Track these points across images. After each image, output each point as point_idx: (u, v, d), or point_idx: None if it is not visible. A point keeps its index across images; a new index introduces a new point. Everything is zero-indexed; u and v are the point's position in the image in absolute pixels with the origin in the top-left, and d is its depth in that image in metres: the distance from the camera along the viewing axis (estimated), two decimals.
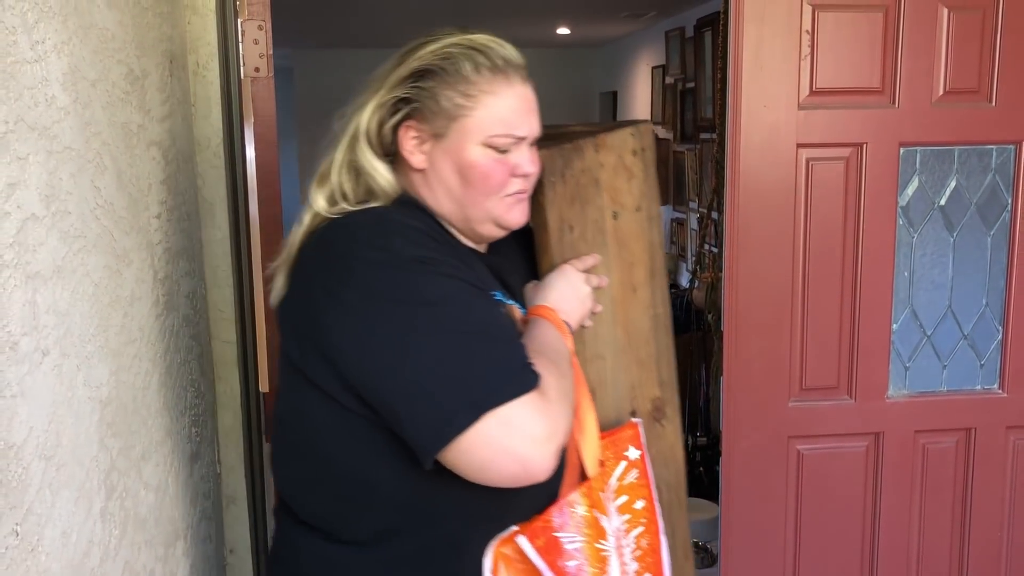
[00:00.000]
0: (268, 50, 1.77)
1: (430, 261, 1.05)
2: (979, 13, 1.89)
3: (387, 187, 1.15)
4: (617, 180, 1.33)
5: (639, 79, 6.49)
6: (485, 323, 1.04)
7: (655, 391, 1.39)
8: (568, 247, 1.30)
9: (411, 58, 1.15)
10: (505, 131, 1.14)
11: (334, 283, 1.04)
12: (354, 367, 1.04)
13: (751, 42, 1.85)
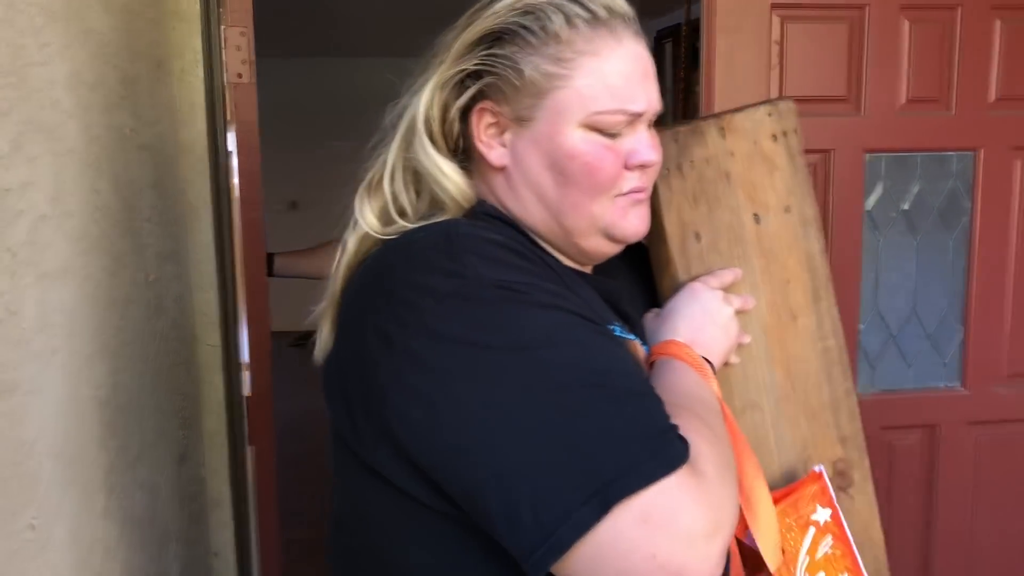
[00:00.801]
0: (251, 56, 1.78)
1: (521, 287, 0.75)
2: (939, 25, 1.97)
3: (457, 194, 0.86)
4: (754, 173, 1.06)
5: None
6: (605, 370, 0.73)
7: (836, 450, 1.09)
8: (696, 260, 1.03)
9: (482, 16, 0.86)
10: (615, 105, 0.84)
11: (391, 326, 0.75)
12: (423, 443, 0.74)
13: (723, 52, 1.91)
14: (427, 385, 0.73)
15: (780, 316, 1.06)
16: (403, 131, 0.90)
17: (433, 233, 0.80)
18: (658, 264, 1.05)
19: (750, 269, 1.05)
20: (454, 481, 0.73)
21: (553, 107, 0.84)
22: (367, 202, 0.89)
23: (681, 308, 0.97)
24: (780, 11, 1.91)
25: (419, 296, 0.75)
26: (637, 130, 0.87)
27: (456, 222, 0.83)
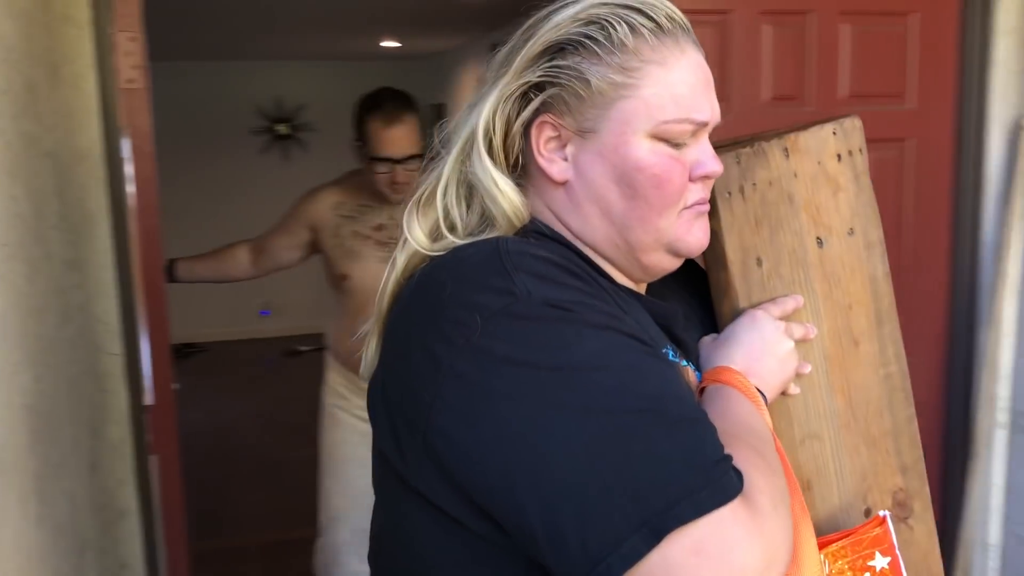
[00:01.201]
0: (142, 61, 1.77)
1: (572, 306, 0.74)
2: (794, 29, 2.16)
3: (511, 211, 0.85)
4: (819, 195, 1.02)
5: (466, 91, 6.68)
6: (658, 395, 0.71)
7: (896, 480, 1.06)
8: (757, 286, 0.99)
9: (542, 30, 0.84)
10: (681, 114, 0.83)
11: (438, 344, 0.74)
12: (469, 466, 0.73)
13: None
14: (473, 405, 0.72)
15: (842, 342, 1.03)
16: (461, 145, 0.87)
17: (482, 250, 0.79)
18: (717, 289, 1.01)
19: (812, 294, 1.01)
20: (499, 504, 0.72)
21: (619, 117, 0.83)
22: (417, 218, 0.87)
23: (739, 336, 0.95)
24: None
25: (467, 314, 0.73)
26: (700, 141, 0.86)
27: (505, 239, 0.81)
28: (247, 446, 5.00)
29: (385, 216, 2.35)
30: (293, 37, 5.89)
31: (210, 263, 2.49)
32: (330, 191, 2.41)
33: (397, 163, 2.24)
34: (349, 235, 2.35)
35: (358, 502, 2.43)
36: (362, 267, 2.33)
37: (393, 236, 2.33)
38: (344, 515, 2.45)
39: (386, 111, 2.25)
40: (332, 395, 2.49)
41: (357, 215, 2.36)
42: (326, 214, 2.37)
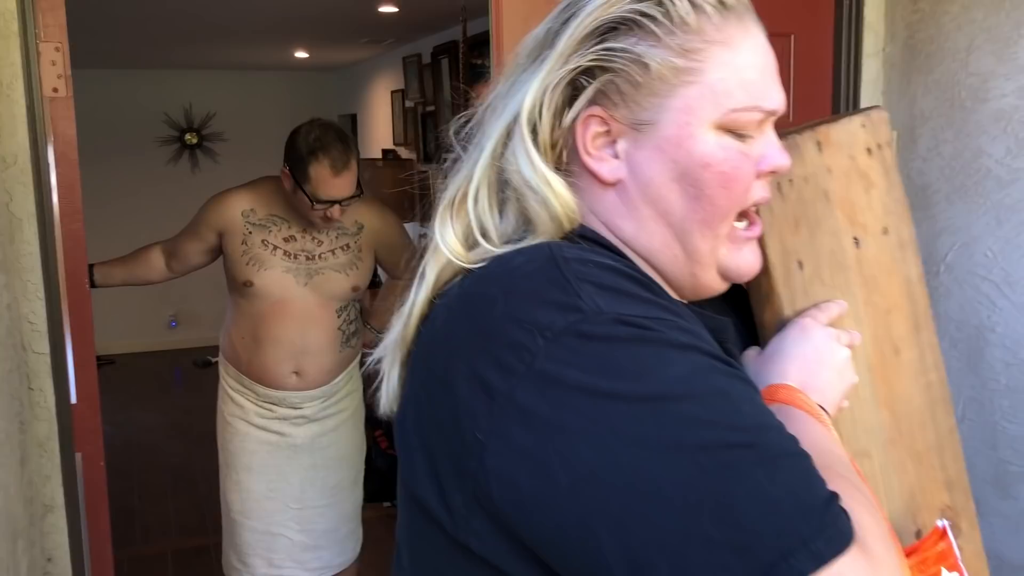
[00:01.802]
0: (66, 71, 1.84)
1: (649, 323, 0.65)
2: None
3: (563, 214, 0.74)
4: (852, 191, 0.96)
5: (379, 102, 6.76)
6: (754, 426, 0.63)
7: (942, 496, 0.99)
8: (800, 292, 0.92)
9: (589, 7, 0.74)
10: (751, 102, 0.74)
11: (491, 372, 0.64)
12: (531, 514, 0.62)
13: None
14: (538, 443, 0.61)
15: (883, 351, 0.96)
16: (496, 140, 0.76)
17: (535, 258, 0.69)
18: (758, 297, 0.93)
19: (853, 299, 0.94)
20: (570, 560, 0.61)
21: (681, 106, 0.72)
22: (449, 224, 0.76)
23: (790, 348, 0.86)
24: None
25: (526, 335, 0.63)
26: (765, 132, 0.77)
27: (559, 245, 0.71)
28: (158, 457, 4.97)
29: (296, 228, 2.40)
30: (203, 46, 5.89)
31: (126, 267, 2.53)
32: (240, 197, 2.43)
33: (337, 203, 2.31)
34: (257, 243, 2.38)
35: (258, 506, 2.49)
36: (267, 275, 2.38)
37: (304, 248, 2.42)
38: (245, 520, 2.50)
39: (334, 159, 2.27)
40: (228, 402, 2.53)
41: (268, 224, 2.39)
42: (235, 220, 2.39)
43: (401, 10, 4.49)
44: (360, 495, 2.68)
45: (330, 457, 2.55)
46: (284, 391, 2.46)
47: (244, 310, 2.44)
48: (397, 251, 2.66)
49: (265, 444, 2.48)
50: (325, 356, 2.48)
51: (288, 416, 2.48)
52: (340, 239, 2.46)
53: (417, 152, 5.88)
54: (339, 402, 2.56)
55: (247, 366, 2.47)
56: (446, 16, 4.52)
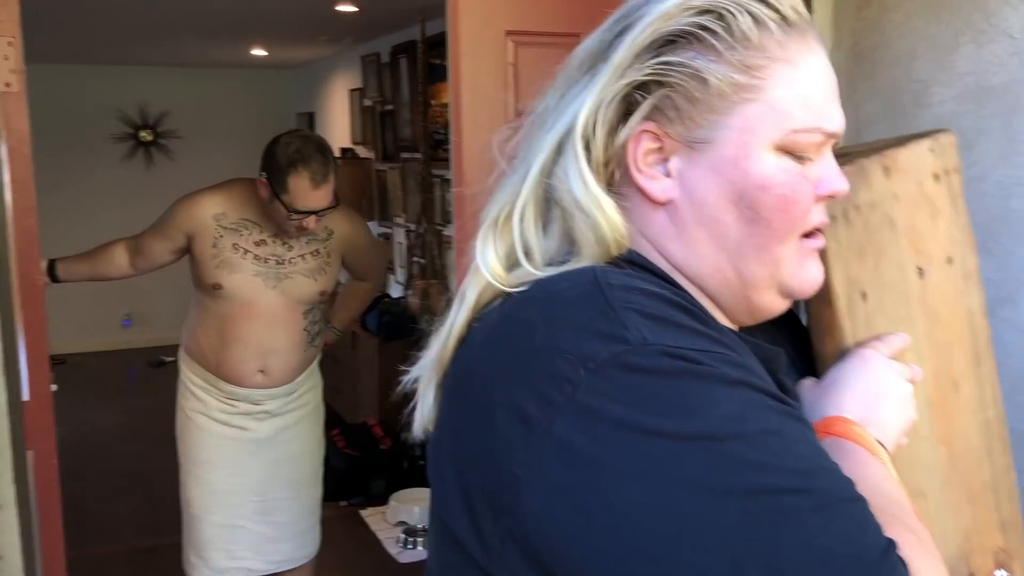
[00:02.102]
0: (19, 66, 1.83)
1: (698, 356, 0.62)
2: None
3: (612, 237, 0.70)
4: (918, 219, 0.92)
5: (336, 101, 6.74)
6: (808, 469, 0.60)
7: (996, 538, 0.95)
8: (862, 323, 0.89)
9: (646, 19, 0.70)
10: (812, 122, 0.71)
11: (530, 403, 0.61)
12: (568, 552, 0.60)
13: (467, 72, 2.20)
14: (577, 479, 0.59)
15: (943, 386, 0.92)
16: (546, 155, 0.72)
17: (578, 283, 0.66)
18: (819, 328, 0.89)
19: (915, 332, 0.90)
20: None
21: (741, 125, 0.70)
22: (492, 244, 0.72)
23: (851, 380, 0.81)
24: (513, 37, 2.23)
25: (568, 365, 0.60)
26: (824, 155, 0.74)
27: (604, 270, 0.67)
28: (111, 458, 4.92)
29: (267, 233, 2.42)
30: (158, 43, 5.83)
31: (89, 263, 2.52)
32: (212, 199, 2.43)
33: (314, 213, 2.33)
34: (228, 247, 2.38)
35: (219, 500, 2.50)
36: (237, 278, 2.39)
37: (274, 253, 2.42)
38: (206, 515, 2.51)
39: (314, 171, 2.29)
40: (189, 398, 2.53)
41: (239, 228, 2.40)
42: (206, 223, 2.39)
43: (360, 9, 4.49)
44: (320, 491, 2.70)
45: (291, 452, 2.57)
46: (248, 388, 2.47)
47: (211, 310, 2.45)
48: (363, 256, 2.72)
49: (227, 439, 2.50)
50: (291, 356, 2.50)
51: (250, 411, 2.50)
52: (310, 244, 2.48)
53: (375, 151, 5.88)
54: (300, 396, 2.58)
55: (213, 364, 2.48)
56: (405, 16, 4.53)
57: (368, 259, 2.78)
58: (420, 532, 3.91)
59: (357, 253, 2.65)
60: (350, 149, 6.26)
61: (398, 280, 5.62)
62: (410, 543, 3.85)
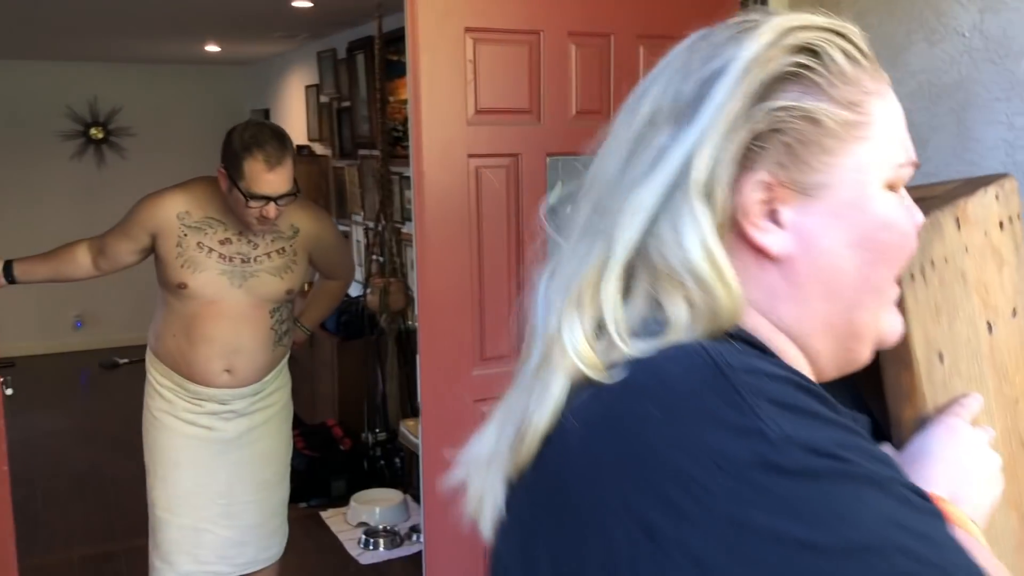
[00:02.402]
0: None
1: (840, 450, 0.55)
2: (597, 50, 2.39)
3: (729, 307, 0.62)
4: (986, 270, 0.88)
5: (292, 97, 6.67)
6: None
7: None
8: (940, 387, 0.84)
9: (742, 63, 0.64)
10: (907, 156, 0.70)
11: (654, 512, 0.54)
12: None
13: (426, 69, 2.18)
14: None
15: (1012, 445, 0.88)
16: (645, 217, 0.64)
17: (695, 366, 0.58)
18: (898, 391, 0.84)
19: (985, 390, 0.86)
20: None
21: (855, 165, 0.66)
22: (578, 322, 0.64)
23: (939, 452, 0.76)
24: (472, 34, 2.22)
25: (700, 466, 0.53)
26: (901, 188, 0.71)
27: (715, 348, 0.59)
28: (63, 462, 4.82)
29: (232, 231, 2.39)
30: (109, 38, 5.71)
31: (49, 264, 2.47)
32: (175, 198, 2.40)
33: (272, 200, 2.30)
34: (192, 246, 2.36)
35: (185, 502, 2.46)
36: (202, 277, 2.37)
37: (240, 251, 2.39)
38: (172, 517, 2.47)
39: (268, 154, 2.27)
40: (155, 398, 2.49)
41: (203, 227, 2.38)
42: (170, 222, 2.36)
43: (315, 4, 4.44)
44: (287, 491, 2.69)
45: (258, 452, 2.56)
46: (215, 388, 2.45)
47: (176, 310, 2.42)
48: (331, 254, 2.70)
49: (193, 439, 2.47)
50: (258, 355, 2.48)
51: (217, 411, 2.48)
52: (276, 243, 2.46)
53: (332, 148, 5.82)
54: (268, 396, 2.57)
55: (179, 365, 2.45)
56: (361, 11, 4.49)
57: (337, 257, 2.76)
58: (381, 533, 3.88)
59: (325, 251, 2.63)
60: (307, 146, 6.20)
61: (356, 279, 5.57)
62: (371, 544, 3.82)
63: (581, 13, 2.34)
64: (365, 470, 4.49)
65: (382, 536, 3.86)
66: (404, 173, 4.61)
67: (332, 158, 5.85)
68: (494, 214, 2.32)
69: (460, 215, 2.27)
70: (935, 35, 1.96)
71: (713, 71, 0.65)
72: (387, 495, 4.17)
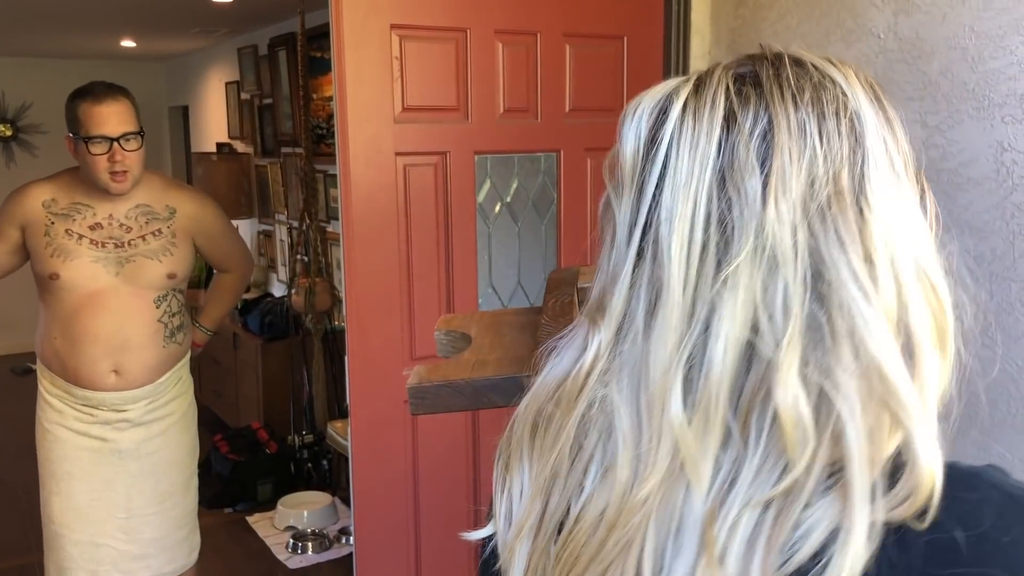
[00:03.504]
0: None
1: None
2: (524, 48, 2.39)
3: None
4: None
5: (211, 94, 6.52)
6: None
7: None
8: None
9: (874, 117, 0.58)
10: None
11: None
12: None
13: (352, 66, 2.15)
14: None
15: None
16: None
17: (1004, 476, 0.56)
18: None
19: None
20: None
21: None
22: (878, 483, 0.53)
23: None
24: (398, 31, 2.20)
25: None
26: None
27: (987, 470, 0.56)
28: None
29: (102, 215, 2.30)
30: (17, 32, 5.50)
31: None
32: (40, 188, 2.32)
33: (114, 141, 2.22)
34: (61, 233, 2.27)
35: (81, 516, 2.37)
36: (74, 266, 2.27)
37: (112, 236, 2.31)
38: (68, 532, 2.38)
39: (95, 93, 2.25)
40: (45, 408, 2.40)
41: (71, 213, 2.29)
42: (36, 212, 2.28)
43: (236, 0, 4.35)
44: (194, 500, 2.59)
45: (158, 462, 2.45)
46: (104, 392, 2.34)
47: (54, 307, 2.32)
48: (219, 241, 2.57)
49: (87, 451, 2.37)
50: (147, 352, 2.37)
51: (110, 420, 2.37)
52: (151, 224, 2.37)
53: (254, 145, 5.71)
54: (166, 404, 2.46)
55: (63, 368, 2.34)
56: (283, 7, 4.41)
57: (226, 245, 2.63)
58: (309, 536, 3.83)
59: (210, 238, 2.51)
60: (227, 144, 6.07)
61: (280, 279, 5.48)
62: (299, 548, 3.76)
63: (507, 11, 2.34)
64: (292, 473, 4.42)
65: (310, 540, 3.81)
66: (329, 171, 4.55)
67: (254, 156, 5.74)
68: (423, 212, 2.30)
69: (388, 213, 2.25)
70: (852, 36, 2.01)
71: (856, 131, 0.60)
72: (315, 498, 4.12)
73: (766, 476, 0.52)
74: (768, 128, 0.56)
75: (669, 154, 0.58)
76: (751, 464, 0.53)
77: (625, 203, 0.60)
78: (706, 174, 0.56)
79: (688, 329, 0.55)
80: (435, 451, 2.41)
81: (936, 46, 1.84)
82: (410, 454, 2.38)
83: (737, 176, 0.55)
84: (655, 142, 0.59)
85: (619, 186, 0.61)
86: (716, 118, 0.57)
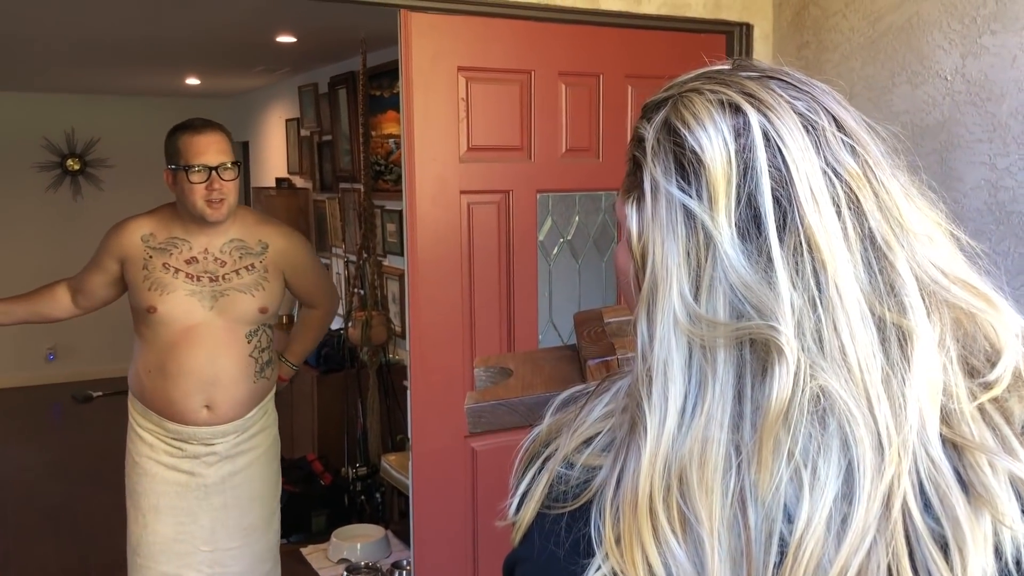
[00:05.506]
0: None
1: None
2: (587, 89, 2.43)
3: None
4: None
5: (273, 130, 6.68)
6: None
7: None
8: None
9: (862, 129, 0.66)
10: None
11: None
12: None
13: (420, 107, 2.21)
14: None
15: None
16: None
17: None
18: None
19: None
20: None
21: None
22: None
23: None
24: (465, 73, 2.26)
25: None
26: None
27: None
28: (35, 497, 4.73)
29: (198, 249, 2.37)
30: (86, 70, 5.70)
31: (29, 304, 2.44)
32: (140, 222, 2.40)
33: (212, 170, 2.29)
34: (159, 267, 2.34)
35: (166, 549, 2.41)
36: (171, 299, 2.33)
37: (207, 270, 2.37)
38: (153, 564, 2.41)
39: (195, 126, 2.34)
40: (136, 441, 2.44)
41: (168, 247, 2.36)
42: (135, 246, 2.35)
43: (299, 40, 4.47)
44: (276, 534, 2.61)
45: (242, 496, 2.48)
46: (195, 427, 2.38)
47: (149, 341, 2.37)
48: (306, 274, 2.61)
49: (174, 485, 2.41)
50: (238, 387, 2.41)
51: (199, 454, 2.41)
52: (244, 259, 2.42)
53: (313, 181, 5.82)
54: (252, 438, 2.49)
55: (155, 401, 2.39)
56: (344, 46, 4.53)
57: (313, 279, 2.67)
58: (363, 570, 3.84)
59: (299, 273, 2.56)
60: (286, 179, 6.20)
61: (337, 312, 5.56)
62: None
63: (571, 53, 2.39)
64: (345, 505, 4.45)
65: (363, 572, 3.82)
66: (386, 207, 4.62)
67: (312, 191, 5.86)
68: (486, 249, 2.34)
69: (452, 250, 2.29)
70: (917, 78, 2.02)
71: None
72: (368, 531, 4.14)
73: None
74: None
75: (771, 152, 0.61)
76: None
77: (723, 208, 0.60)
78: (815, 160, 0.61)
79: (876, 293, 0.59)
80: (495, 483, 2.42)
81: (1006, 88, 1.84)
82: (469, 486, 2.39)
83: (833, 161, 0.61)
84: (748, 147, 0.61)
85: (710, 199, 0.61)
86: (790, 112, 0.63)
